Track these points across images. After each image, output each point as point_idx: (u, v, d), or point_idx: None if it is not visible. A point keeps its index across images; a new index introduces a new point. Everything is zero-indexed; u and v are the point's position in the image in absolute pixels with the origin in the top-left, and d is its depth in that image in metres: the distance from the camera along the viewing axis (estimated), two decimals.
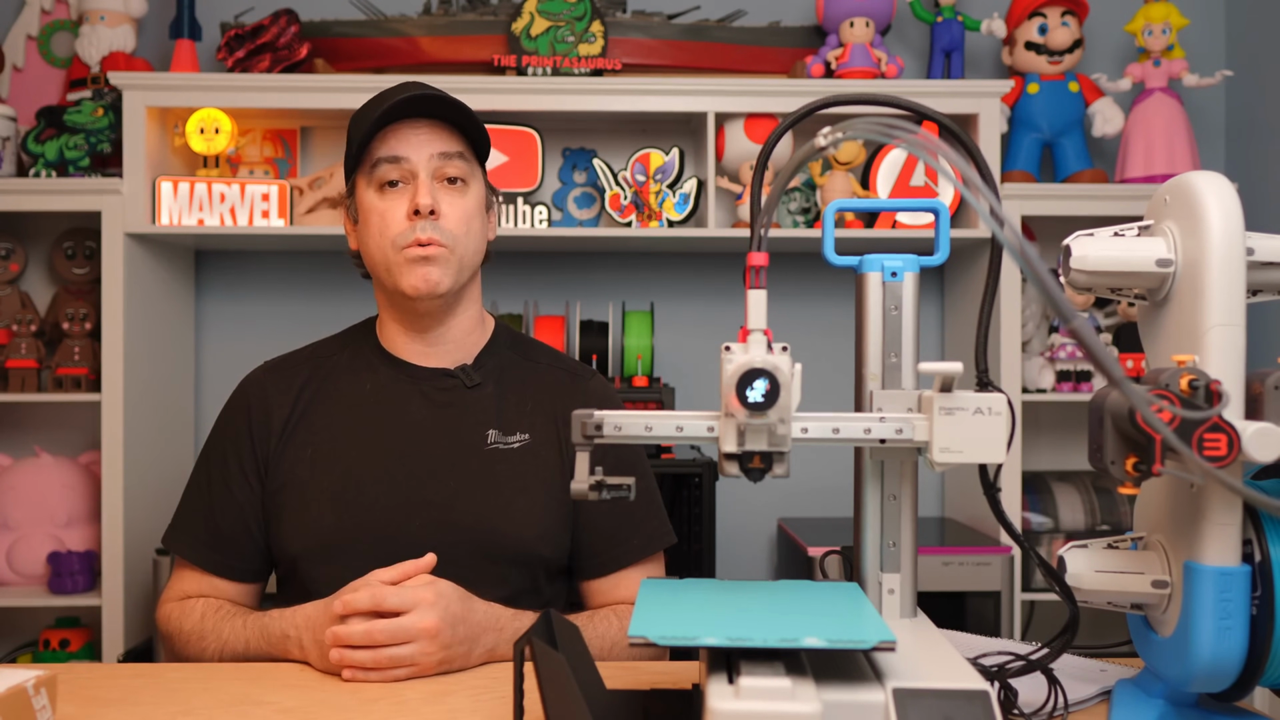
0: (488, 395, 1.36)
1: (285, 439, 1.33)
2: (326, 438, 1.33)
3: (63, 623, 2.40)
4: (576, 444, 0.87)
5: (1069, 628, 0.94)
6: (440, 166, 1.31)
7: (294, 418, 1.34)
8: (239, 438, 1.34)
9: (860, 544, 0.96)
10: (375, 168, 1.31)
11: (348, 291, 2.58)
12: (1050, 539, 2.42)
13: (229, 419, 1.37)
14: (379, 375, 1.37)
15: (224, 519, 1.32)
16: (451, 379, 1.36)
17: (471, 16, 2.50)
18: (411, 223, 1.28)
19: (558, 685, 0.78)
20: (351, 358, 1.39)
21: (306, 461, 1.32)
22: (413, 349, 1.37)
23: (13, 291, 2.47)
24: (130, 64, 2.40)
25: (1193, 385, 0.77)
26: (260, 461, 1.33)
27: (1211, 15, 2.67)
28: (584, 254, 2.63)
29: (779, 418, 0.80)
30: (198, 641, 1.25)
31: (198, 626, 1.26)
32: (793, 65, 2.51)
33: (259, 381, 1.38)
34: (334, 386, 1.37)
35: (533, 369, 1.40)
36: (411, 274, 1.29)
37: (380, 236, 1.30)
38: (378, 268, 1.33)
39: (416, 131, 1.31)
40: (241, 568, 1.33)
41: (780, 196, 0.85)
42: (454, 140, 1.33)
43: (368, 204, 1.32)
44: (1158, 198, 0.93)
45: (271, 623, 1.20)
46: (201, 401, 2.62)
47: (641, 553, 1.37)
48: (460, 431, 1.33)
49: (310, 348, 1.43)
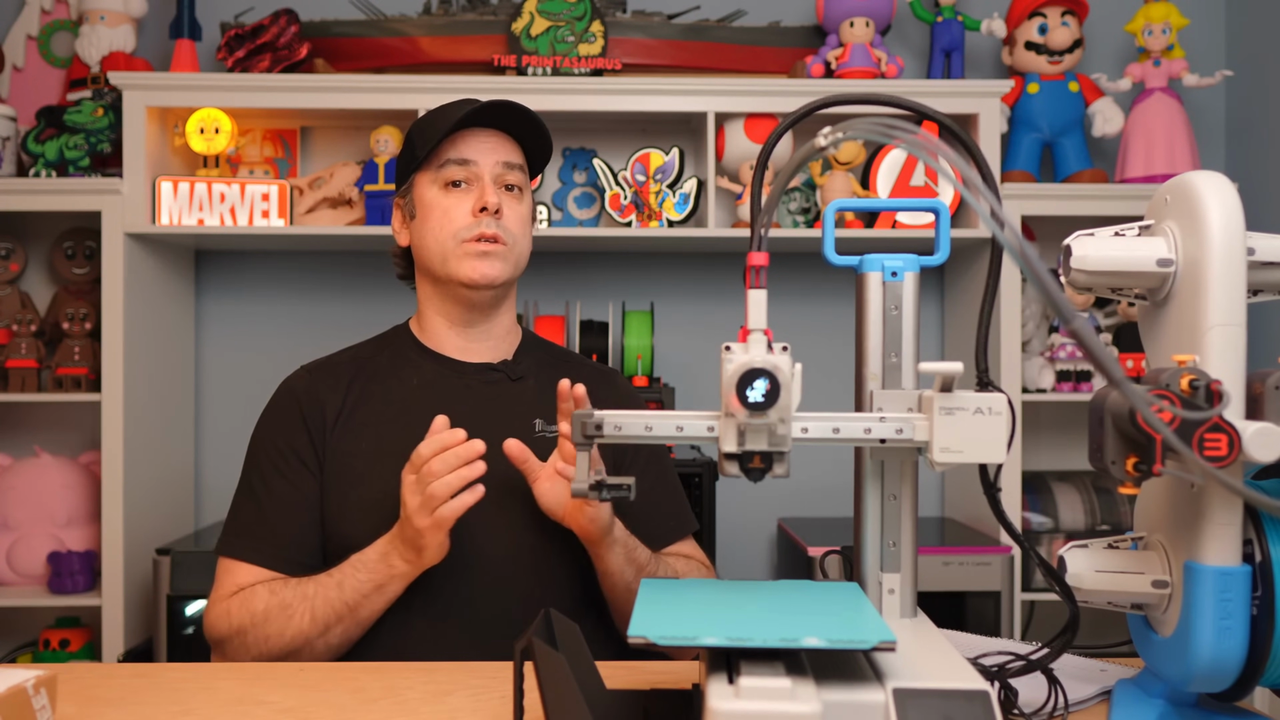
0: (530, 388, 1.42)
1: (340, 430, 1.35)
2: (380, 431, 1.35)
3: (63, 623, 2.40)
4: (577, 444, 0.87)
5: (1069, 628, 0.94)
6: (502, 174, 1.40)
7: (346, 411, 1.37)
8: (293, 432, 1.35)
9: (860, 544, 0.96)
10: (443, 167, 1.38)
11: (348, 291, 2.58)
12: (1050, 539, 2.42)
13: (278, 417, 1.38)
14: (424, 371, 1.41)
15: (288, 515, 1.32)
16: (496, 372, 1.42)
17: (471, 16, 2.50)
18: (476, 219, 1.36)
19: (558, 685, 0.78)
20: (392, 358, 1.43)
21: (362, 454, 1.34)
22: (456, 344, 1.42)
23: (13, 291, 2.47)
24: (130, 64, 2.40)
25: (1193, 385, 0.77)
26: (318, 451, 1.34)
27: (1211, 15, 2.67)
28: (584, 254, 2.63)
29: (779, 418, 0.80)
30: (280, 613, 1.24)
31: (272, 601, 1.25)
32: (793, 65, 2.51)
33: (304, 379, 1.40)
34: (380, 383, 1.40)
35: (566, 367, 1.47)
36: (471, 265, 1.35)
37: (441, 229, 1.37)
38: (434, 259, 1.38)
39: (485, 139, 1.39)
40: (306, 562, 1.32)
41: (780, 196, 0.85)
42: (516, 152, 1.42)
43: (430, 199, 1.39)
44: (1158, 198, 0.93)
45: (361, 554, 1.24)
46: (201, 401, 2.62)
47: (678, 532, 1.46)
48: (509, 420, 1.36)
49: (348, 351, 1.46)
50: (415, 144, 1.41)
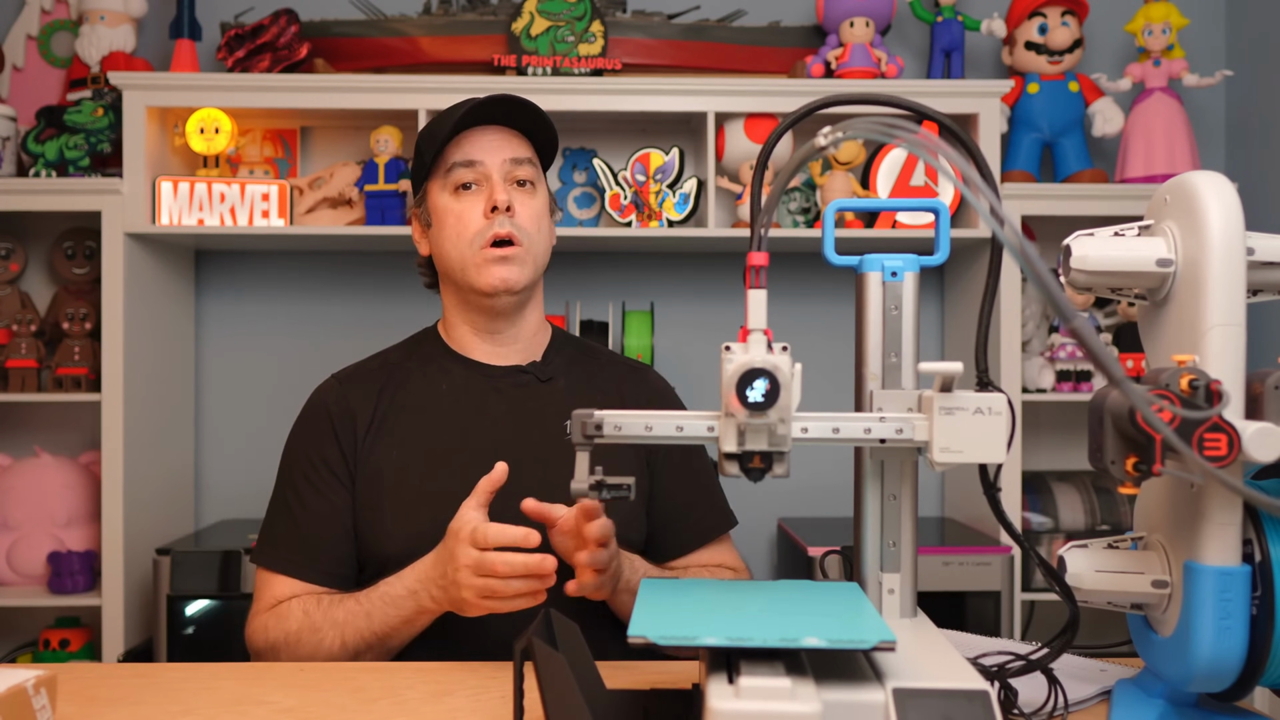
0: (560, 389, 1.41)
1: (372, 440, 1.35)
2: (412, 439, 1.35)
3: (63, 623, 2.40)
4: (577, 444, 0.87)
5: (1069, 628, 0.94)
6: (511, 170, 1.38)
7: (376, 420, 1.36)
8: (324, 443, 1.35)
9: (860, 544, 0.96)
10: (450, 171, 1.37)
11: (348, 291, 2.58)
12: (1050, 539, 2.42)
13: (310, 428, 1.38)
14: (453, 376, 1.40)
15: (321, 526, 1.32)
16: (525, 375, 1.41)
17: (471, 16, 2.50)
18: (489, 220, 1.35)
19: (558, 685, 0.78)
20: (422, 363, 1.42)
21: (394, 464, 1.33)
22: (484, 349, 1.41)
23: (13, 291, 2.47)
24: (130, 64, 2.40)
25: (1193, 385, 0.77)
26: (350, 463, 1.34)
27: (1211, 15, 2.66)
28: (584, 254, 2.63)
29: (779, 418, 0.80)
30: (311, 636, 1.24)
31: (305, 623, 1.25)
32: (793, 65, 2.51)
33: (334, 390, 1.40)
34: (411, 390, 1.39)
35: (596, 364, 1.46)
36: (489, 273, 1.34)
37: (457, 237, 1.36)
38: (454, 268, 1.37)
39: (489, 137, 1.38)
40: (339, 573, 1.33)
41: (780, 196, 0.85)
42: (523, 146, 1.40)
43: (443, 206, 1.38)
44: (1158, 198, 0.93)
45: (390, 587, 1.22)
46: (201, 401, 2.62)
47: (713, 533, 1.45)
48: (541, 424, 1.36)
49: (376, 357, 1.46)
50: (423, 152, 1.41)
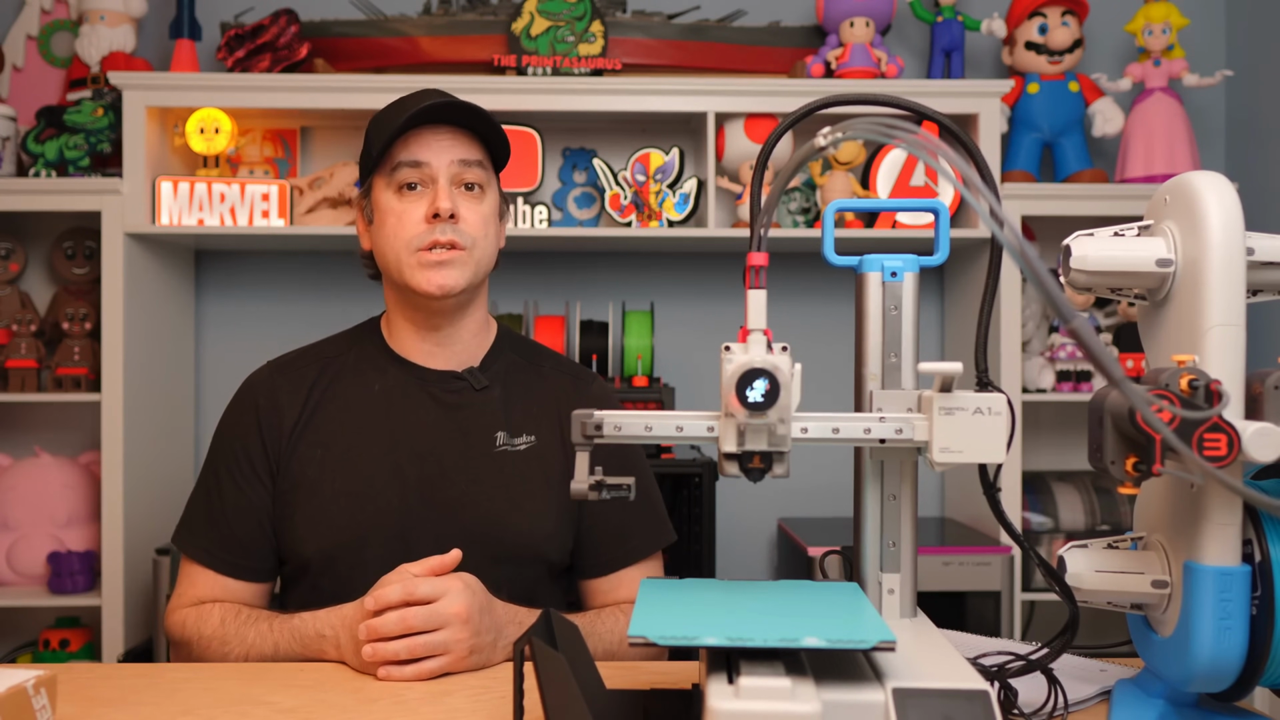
0: (495, 398, 1.37)
1: (296, 438, 1.33)
2: (337, 438, 1.33)
3: (63, 623, 2.40)
4: (576, 444, 0.87)
5: (1069, 628, 0.94)
6: (459, 173, 1.33)
7: (304, 417, 1.35)
8: (248, 437, 1.34)
9: (860, 544, 0.96)
10: (395, 170, 1.32)
11: (348, 291, 2.58)
12: (1050, 539, 2.42)
13: (236, 418, 1.37)
14: (387, 376, 1.37)
15: (236, 519, 1.32)
16: (460, 381, 1.37)
17: (471, 16, 2.50)
18: (430, 225, 1.30)
19: (558, 685, 0.78)
20: (358, 358, 1.39)
21: (317, 462, 1.32)
22: (421, 349, 1.38)
23: (13, 291, 2.47)
24: (130, 64, 2.40)
25: (1193, 385, 0.77)
26: (272, 460, 1.33)
27: (1211, 15, 2.66)
28: (584, 254, 2.63)
29: (779, 418, 0.80)
30: (219, 647, 1.24)
31: (218, 632, 1.25)
32: (793, 65, 2.51)
33: (266, 381, 1.38)
34: (343, 387, 1.37)
35: (537, 373, 1.42)
36: (425, 277, 1.30)
37: (395, 238, 1.32)
38: (390, 267, 1.34)
39: (438, 137, 1.32)
40: (254, 568, 1.32)
41: (780, 196, 0.85)
42: (474, 148, 1.35)
43: (385, 205, 1.34)
44: (1158, 198, 0.93)
45: (303, 624, 1.20)
46: (201, 401, 2.62)
47: (643, 551, 1.39)
48: (470, 434, 1.34)
49: (315, 347, 1.43)
50: (371, 144, 1.35)
